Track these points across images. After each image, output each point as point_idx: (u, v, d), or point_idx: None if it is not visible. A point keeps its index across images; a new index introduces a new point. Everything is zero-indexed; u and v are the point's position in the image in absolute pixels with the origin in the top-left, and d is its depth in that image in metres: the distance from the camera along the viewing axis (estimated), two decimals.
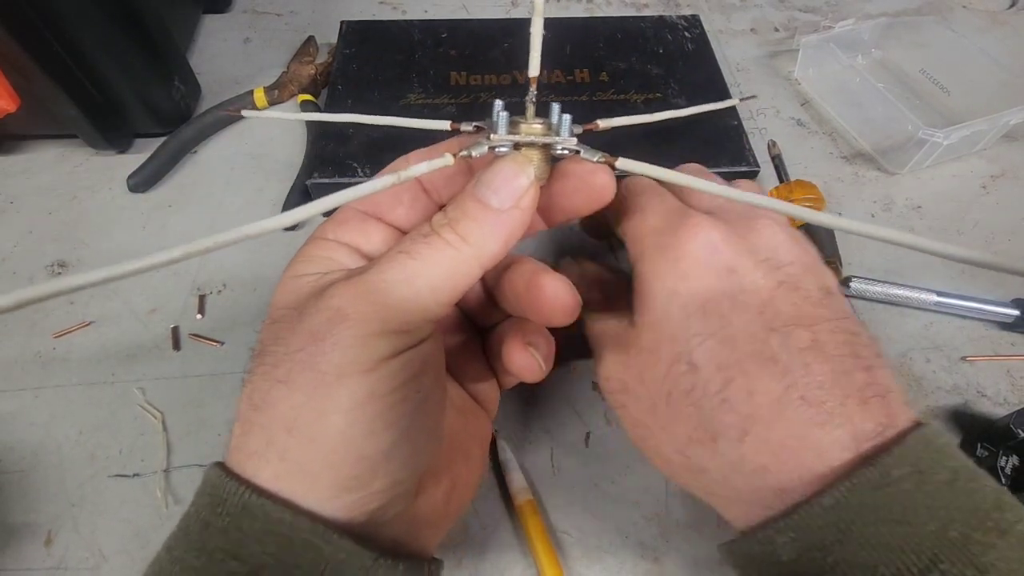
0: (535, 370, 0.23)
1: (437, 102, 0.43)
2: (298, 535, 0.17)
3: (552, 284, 0.21)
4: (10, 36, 0.34)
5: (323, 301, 0.18)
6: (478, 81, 0.45)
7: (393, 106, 0.43)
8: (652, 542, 0.30)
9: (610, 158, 0.19)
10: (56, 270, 0.38)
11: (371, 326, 0.18)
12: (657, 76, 0.45)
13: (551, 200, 0.22)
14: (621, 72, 0.45)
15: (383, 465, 0.18)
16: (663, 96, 0.44)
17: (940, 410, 0.34)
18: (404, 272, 0.18)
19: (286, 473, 0.18)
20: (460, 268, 0.19)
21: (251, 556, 0.17)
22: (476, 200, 0.19)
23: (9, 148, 0.44)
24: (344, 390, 0.17)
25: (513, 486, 0.30)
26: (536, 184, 0.19)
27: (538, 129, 0.19)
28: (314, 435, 0.17)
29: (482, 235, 0.19)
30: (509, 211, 0.19)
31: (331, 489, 0.18)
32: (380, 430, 0.18)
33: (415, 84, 0.44)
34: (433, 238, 0.19)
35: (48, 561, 0.29)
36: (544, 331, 0.24)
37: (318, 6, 0.56)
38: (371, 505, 0.18)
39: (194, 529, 0.18)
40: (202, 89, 0.48)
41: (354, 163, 0.40)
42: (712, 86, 0.45)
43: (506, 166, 0.19)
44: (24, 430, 0.32)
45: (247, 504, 0.17)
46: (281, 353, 0.18)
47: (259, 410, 0.18)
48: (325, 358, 0.17)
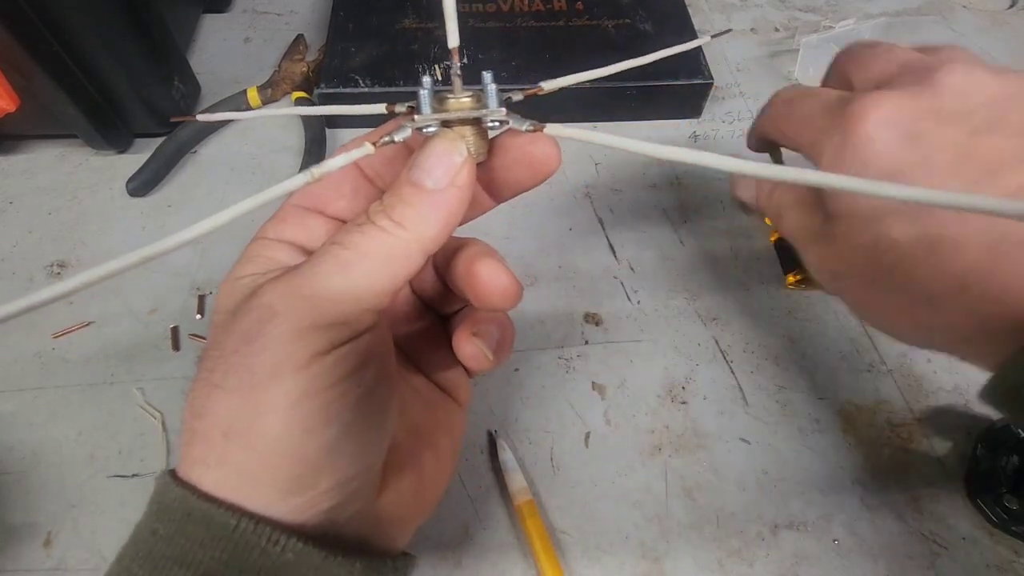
0: (481, 360, 0.23)
1: (430, 27, 0.48)
2: (243, 538, 0.17)
3: (487, 268, 0.21)
4: (10, 36, 0.34)
5: (254, 300, 0.18)
6: (467, 8, 0.50)
7: (390, 30, 0.48)
8: (652, 542, 0.30)
9: (538, 125, 0.18)
10: (56, 270, 0.38)
11: (302, 321, 0.17)
12: (627, 4, 0.51)
13: (494, 175, 0.21)
14: (595, 1, 0.51)
15: (327, 464, 0.18)
16: (631, 21, 0.49)
17: (941, 410, 0.34)
18: (337, 263, 0.18)
19: (227, 478, 0.17)
20: (398, 255, 0.18)
21: (197, 562, 0.16)
22: (410, 184, 0.18)
23: (9, 148, 0.44)
24: (277, 389, 0.17)
25: (513, 486, 0.30)
26: (471, 160, 0.19)
27: (466, 104, 0.18)
28: (250, 438, 0.17)
29: (419, 218, 0.18)
30: (445, 190, 0.18)
31: (274, 492, 0.17)
32: (319, 428, 0.17)
33: (409, 10, 0.49)
34: (367, 227, 0.18)
35: (48, 562, 0.29)
36: (495, 318, 0.24)
37: (318, 5, 0.56)
38: (322, 505, 0.18)
39: (142, 538, 0.17)
40: (202, 89, 0.48)
41: (357, 76, 0.45)
42: (675, 11, 0.50)
43: (437, 145, 0.18)
44: (24, 430, 0.32)
45: (191, 510, 0.17)
46: (216, 357, 0.18)
47: (199, 417, 0.18)
48: (257, 359, 0.17)
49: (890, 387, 0.35)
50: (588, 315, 0.37)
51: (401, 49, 0.46)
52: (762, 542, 0.30)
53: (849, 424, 0.33)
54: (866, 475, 0.32)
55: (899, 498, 0.31)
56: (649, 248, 0.40)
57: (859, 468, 0.32)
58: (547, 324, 0.37)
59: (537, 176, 0.21)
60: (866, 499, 0.31)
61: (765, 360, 0.36)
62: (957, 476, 0.32)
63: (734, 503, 0.31)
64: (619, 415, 0.33)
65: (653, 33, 0.48)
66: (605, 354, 0.36)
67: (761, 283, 0.39)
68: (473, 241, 0.22)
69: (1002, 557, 0.30)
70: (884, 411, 0.34)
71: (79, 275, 0.13)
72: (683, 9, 0.50)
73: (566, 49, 0.47)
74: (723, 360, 0.36)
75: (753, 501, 0.31)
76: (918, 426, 0.33)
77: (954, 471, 0.32)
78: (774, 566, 0.29)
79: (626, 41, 0.47)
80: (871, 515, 0.31)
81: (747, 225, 0.41)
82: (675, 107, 0.47)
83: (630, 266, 0.39)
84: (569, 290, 0.38)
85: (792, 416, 0.34)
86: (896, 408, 0.34)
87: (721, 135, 0.47)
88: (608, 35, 0.48)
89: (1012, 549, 0.30)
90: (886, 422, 0.33)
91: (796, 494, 0.31)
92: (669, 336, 0.36)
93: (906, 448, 0.33)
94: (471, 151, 0.19)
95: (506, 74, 0.45)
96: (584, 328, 0.37)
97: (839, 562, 0.29)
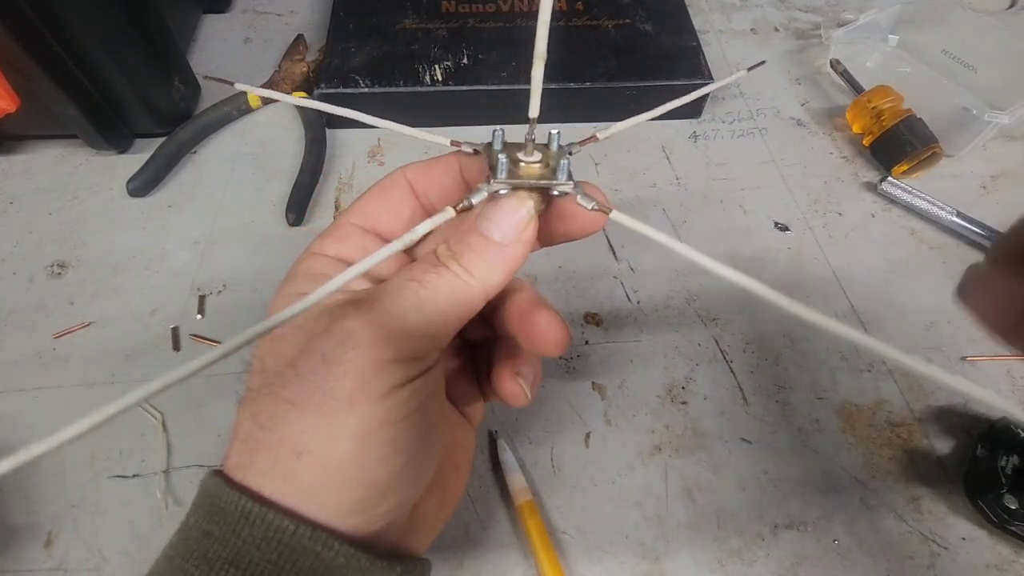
0: (521, 398, 0.24)
1: (430, 27, 0.48)
2: (298, 542, 0.17)
3: (546, 319, 0.22)
4: (10, 36, 0.34)
5: (335, 324, 0.18)
6: (467, 9, 0.50)
7: (390, 30, 0.48)
8: (652, 542, 0.30)
9: (604, 207, 0.20)
10: (56, 270, 0.38)
11: (384, 353, 0.18)
12: (627, 4, 0.51)
13: (546, 227, 0.22)
14: (595, 1, 0.51)
15: (391, 489, 0.19)
16: (631, 21, 0.49)
17: (941, 410, 0.34)
18: (416, 299, 0.19)
19: (292, 492, 0.18)
20: (466, 298, 0.19)
21: (250, 563, 0.17)
22: (480, 235, 0.19)
23: (9, 148, 0.44)
24: (355, 417, 0.17)
25: (513, 487, 0.30)
26: (536, 219, 0.20)
27: (535, 171, 0.19)
28: (324, 460, 0.17)
29: (486, 268, 0.19)
30: (511, 244, 0.19)
31: (337, 512, 0.18)
32: (391, 455, 0.18)
33: (409, 11, 0.49)
34: (441, 268, 0.19)
35: (48, 562, 0.29)
36: (532, 359, 0.25)
37: (318, 5, 0.56)
38: (375, 526, 0.19)
39: (194, 538, 0.18)
40: (202, 89, 0.48)
41: (357, 76, 0.45)
42: (675, 11, 0.50)
43: (508, 203, 0.19)
44: (24, 430, 0.32)
45: (247, 512, 0.17)
46: (290, 375, 0.18)
47: (266, 429, 0.18)
48: (338, 383, 0.17)
49: (890, 387, 0.35)
50: (588, 315, 0.37)
51: (401, 49, 0.46)
52: (762, 542, 0.30)
53: (849, 424, 0.33)
54: (866, 475, 0.32)
55: (899, 498, 0.31)
56: (649, 248, 0.40)
57: (859, 468, 0.32)
58: None
59: (585, 234, 0.22)
60: (866, 499, 0.31)
61: (765, 360, 0.36)
62: (957, 476, 0.32)
63: (734, 503, 0.31)
64: (619, 415, 0.34)
65: (653, 33, 0.48)
66: (605, 354, 0.36)
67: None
68: (524, 285, 0.23)
69: (1002, 557, 0.30)
70: (884, 411, 0.34)
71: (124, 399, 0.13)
72: (683, 9, 0.50)
73: (566, 49, 0.47)
74: (723, 360, 0.36)
75: (753, 501, 0.31)
76: (918, 426, 0.33)
77: (954, 471, 0.32)
78: (774, 566, 0.29)
79: (626, 41, 0.48)
80: (871, 515, 0.31)
81: (746, 225, 0.41)
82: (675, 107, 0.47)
83: (630, 266, 0.39)
84: (569, 290, 0.38)
85: (792, 416, 0.34)
86: (896, 408, 0.34)
87: (721, 135, 0.47)
88: (608, 35, 0.48)
89: (1012, 549, 0.30)
90: (886, 422, 0.34)
91: (796, 494, 0.31)
92: (669, 336, 0.36)
93: (906, 448, 0.33)
94: (535, 209, 0.20)
95: (506, 74, 0.45)
96: (584, 328, 0.37)
97: (839, 562, 0.29)
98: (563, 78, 0.45)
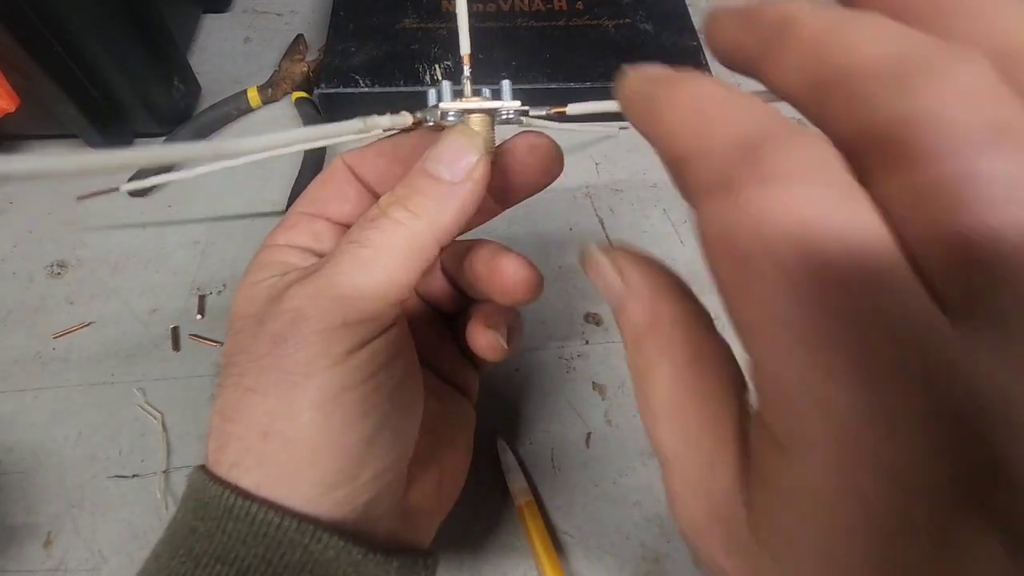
0: (496, 348, 0.24)
1: (430, 26, 0.48)
2: (285, 535, 0.17)
3: (511, 263, 0.21)
4: (10, 36, 0.34)
5: (282, 304, 0.18)
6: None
7: (390, 30, 0.48)
8: (653, 543, 0.30)
9: (559, 107, 0.19)
10: (56, 270, 0.38)
11: (333, 321, 0.18)
12: (627, 4, 0.50)
13: (501, 182, 0.22)
14: (595, 1, 0.51)
15: (368, 453, 0.18)
16: (631, 21, 0.49)
17: None
18: (357, 261, 0.18)
19: (266, 479, 0.18)
20: (415, 245, 0.19)
21: (237, 559, 0.17)
22: (427, 175, 0.19)
23: (9, 148, 0.44)
24: (313, 386, 0.17)
25: (513, 487, 0.30)
26: (487, 159, 0.19)
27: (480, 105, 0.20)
28: (290, 435, 0.17)
29: (436, 208, 0.19)
30: (461, 183, 0.19)
31: (316, 487, 0.18)
32: (358, 419, 0.18)
33: (409, 10, 0.49)
34: (381, 220, 0.19)
35: (48, 562, 0.29)
36: (506, 310, 0.24)
37: (318, 5, 0.55)
38: (361, 499, 0.18)
39: (180, 534, 0.18)
40: (202, 89, 0.48)
41: (357, 76, 0.44)
42: (675, 11, 0.50)
43: (455, 139, 0.19)
44: (24, 431, 0.32)
45: (231, 507, 0.17)
46: (246, 361, 0.18)
47: (232, 421, 0.18)
48: (291, 358, 0.17)
49: None
50: (588, 315, 0.37)
51: (401, 49, 0.46)
52: None
53: None
54: None
55: None
56: (649, 248, 0.40)
57: None
58: (547, 324, 0.37)
59: (544, 175, 0.22)
60: None
61: None
62: None
63: None
64: (620, 415, 0.33)
65: (654, 33, 0.48)
66: (605, 354, 0.36)
67: None
68: (485, 241, 0.23)
69: None
70: None
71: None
72: (683, 9, 0.50)
73: (566, 49, 0.47)
74: None
75: None
76: None
77: None
78: None
79: (626, 41, 0.48)
80: None
81: None
82: None
83: None
84: (569, 290, 0.38)
85: None
86: None
87: None
88: (608, 35, 0.48)
89: None
90: None
91: None
92: None
93: None
94: (484, 147, 0.19)
95: (506, 74, 0.45)
96: (584, 328, 0.37)
97: None
98: (563, 78, 0.45)
